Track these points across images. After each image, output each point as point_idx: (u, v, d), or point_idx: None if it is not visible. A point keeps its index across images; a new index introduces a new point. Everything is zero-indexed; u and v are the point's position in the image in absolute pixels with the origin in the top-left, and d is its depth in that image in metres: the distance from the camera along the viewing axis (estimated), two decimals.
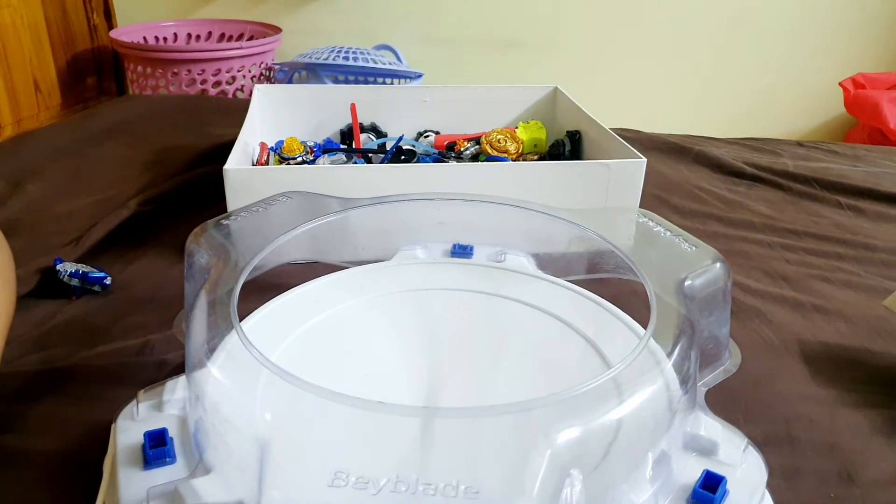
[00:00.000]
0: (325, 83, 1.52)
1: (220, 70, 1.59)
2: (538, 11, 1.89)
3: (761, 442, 0.44)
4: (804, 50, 1.93)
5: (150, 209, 0.80)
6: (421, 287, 0.51)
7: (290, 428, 0.34)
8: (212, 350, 0.36)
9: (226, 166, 0.67)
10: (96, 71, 1.83)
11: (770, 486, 0.36)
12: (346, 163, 0.86)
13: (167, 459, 0.35)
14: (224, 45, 1.71)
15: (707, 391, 0.41)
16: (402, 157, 0.87)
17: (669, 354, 0.36)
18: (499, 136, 0.90)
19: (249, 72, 1.64)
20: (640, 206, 0.75)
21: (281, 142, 0.88)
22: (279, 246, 0.45)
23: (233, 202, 0.68)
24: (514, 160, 0.88)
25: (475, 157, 0.90)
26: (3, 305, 0.46)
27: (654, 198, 0.91)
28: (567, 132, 0.93)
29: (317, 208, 0.49)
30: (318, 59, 1.54)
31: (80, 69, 1.76)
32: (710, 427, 0.38)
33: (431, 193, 0.54)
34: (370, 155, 0.89)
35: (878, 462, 0.47)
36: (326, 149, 0.89)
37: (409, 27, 1.88)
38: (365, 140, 0.96)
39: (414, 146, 0.91)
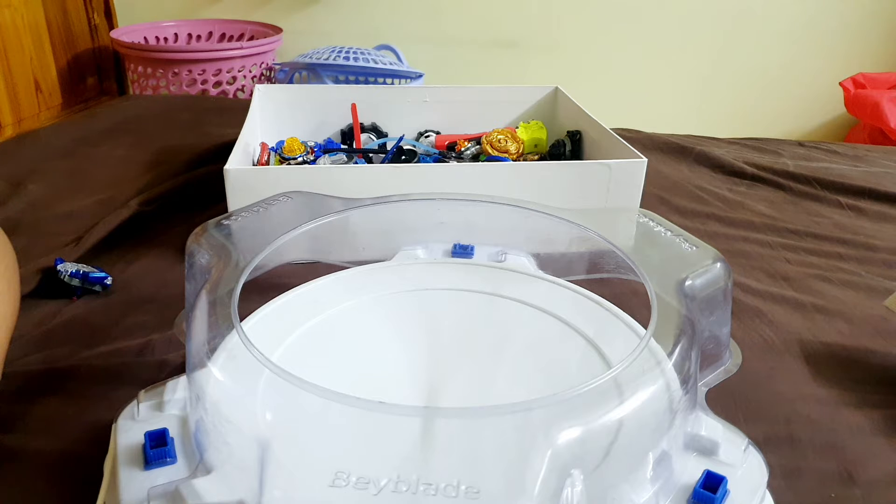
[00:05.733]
0: (325, 83, 1.52)
1: (220, 70, 1.59)
2: (538, 11, 1.88)
3: (762, 442, 0.44)
4: (804, 50, 1.92)
5: (150, 209, 0.81)
6: (421, 287, 0.51)
7: (291, 428, 0.34)
8: (212, 350, 0.36)
9: (227, 166, 0.67)
10: (97, 71, 1.83)
11: (771, 486, 0.36)
12: (346, 163, 0.86)
13: (168, 459, 0.35)
14: (225, 45, 1.71)
15: (707, 391, 0.41)
16: (403, 157, 0.87)
17: (670, 354, 0.36)
18: (499, 136, 0.90)
19: (250, 72, 1.64)
20: (641, 206, 0.75)
21: (282, 142, 0.88)
22: (280, 246, 0.45)
23: (233, 202, 0.68)
24: (515, 160, 0.88)
25: (476, 157, 0.90)
26: (6, 307, 0.46)
27: (655, 198, 0.91)
28: (568, 132, 0.93)
29: (317, 208, 0.49)
30: (319, 59, 1.54)
31: (80, 69, 1.76)
32: (711, 427, 0.38)
33: (432, 193, 0.54)
34: (371, 155, 0.89)
35: (878, 462, 0.47)
36: (327, 149, 0.89)
37: (409, 27, 1.88)
38: (365, 140, 0.96)
39: (415, 146, 0.91)
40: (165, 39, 1.80)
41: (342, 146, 0.94)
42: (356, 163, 0.86)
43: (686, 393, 0.36)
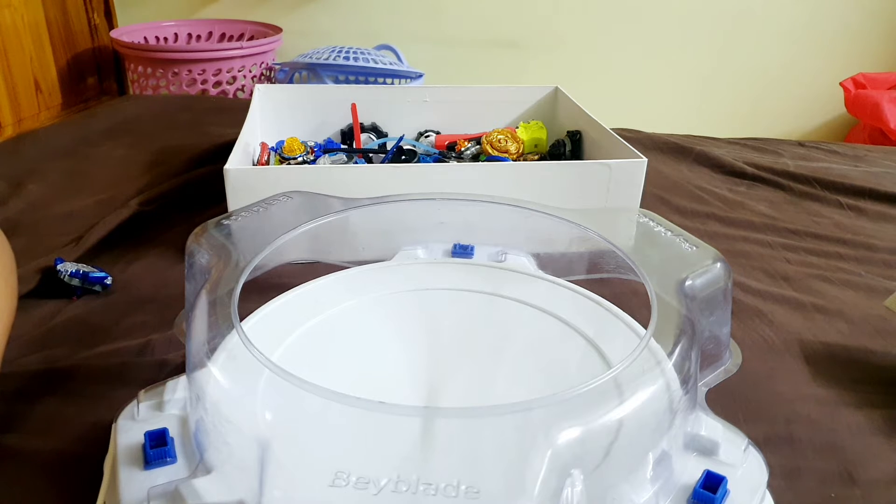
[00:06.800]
0: (325, 83, 1.52)
1: (220, 70, 1.59)
2: (539, 11, 1.88)
3: (762, 442, 0.44)
4: (804, 50, 1.92)
5: (150, 209, 0.81)
6: (421, 287, 0.51)
7: (291, 428, 0.34)
8: (212, 350, 0.36)
9: (227, 166, 0.67)
10: (97, 71, 1.82)
11: (770, 486, 0.36)
12: (346, 163, 0.86)
13: (168, 459, 0.35)
14: (224, 45, 1.71)
15: (707, 391, 0.41)
16: (403, 157, 0.87)
17: (670, 354, 0.36)
18: (499, 136, 0.90)
19: (250, 72, 1.64)
20: (641, 206, 0.75)
21: (281, 142, 0.88)
22: (280, 246, 0.45)
23: (233, 202, 0.68)
24: (515, 160, 0.88)
25: (476, 157, 0.90)
26: (3, 304, 0.46)
27: (655, 198, 0.91)
28: (568, 132, 0.93)
29: (317, 208, 0.49)
30: (319, 59, 1.54)
31: (80, 69, 1.75)
32: (711, 427, 0.38)
33: (432, 193, 0.54)
34: (371, 155, 0.89)
35: (878, 462, 0.47)
36: (327, 149, 0.89)
37: (409, 27, 1.88)
38: (365, 140, 0.96)
39: (414, 146, 0.91)
40: (165, 39, 1.80)
41: (342, 146, 0.94)
42: (356, 163, 0.86)
43: (686, 393, 0.36)
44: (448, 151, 0.92)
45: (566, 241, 0.52)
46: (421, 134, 1.00)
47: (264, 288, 0.46)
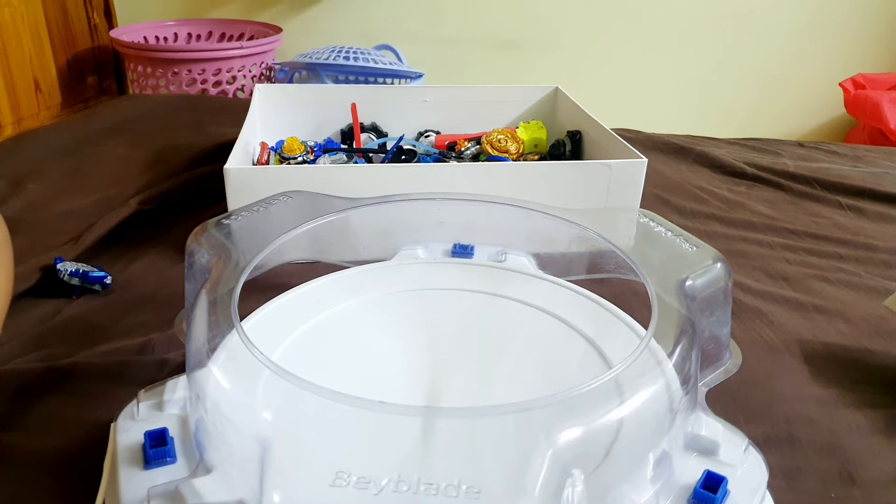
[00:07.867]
0: (325, 83, 1.52)
1: (220, 70, 1.59)
2: (539, 11, 1.88)
3: (762, 442, 0.44)
4: (804, 50, 1.92)
5: (150, 208, 0.80)
6: (422, 287, 0.51)
7: (292, 427, 0.34)
8: (213, 349, 0.36)
9: (226, 166, 0.67)
10: (97, 70, 1.82)
11: (771, 486, 0.36)
12: (346, 162, 0.86)
13: (168, 459, 0.35)
14: (224, 44, 1.71)
15: (707, 391, 0.41)
16: (403, 157, 0.87)
17: (670, 355, 0.36)
18: (499, 136, 0.90)
19: (250, 71, 1.64)
20: (641, 206, 0.75)
21: (281, 141, 0.88)
22: (280, 245, 0.45)
23: (233, 201, 0.68)
24: (515, 160, 0.88)
25: (476, 157, 0.90)
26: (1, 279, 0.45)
27: (655, 198, 0.91)
28: (568, 132, 0.93)
29: (317, 208, 0.49)
30: (319, 58, 1.54)
31: (80, 69, 1.75)
32: (711, 427, 0.38)
33: (432, 193, 0.54)
34: (371, 155, 0.89)
35: (878, 462, 0.47)
36: (327, 148, 0.89)
37: (409, 27, 1.88)
38: (365, 140, 0.96)
39: (414, 146, 0.91)
40: (165, 39, 1.79)
41: (342, 146, 0.94)
42: (356, 162, 0.86)
43: (686, 393, 0.36)
44: (448, 151, 0.92)
45: (566, 241, 0.52)
46: (421, 134, 1.00)
47: (264, 288, 0.46)
